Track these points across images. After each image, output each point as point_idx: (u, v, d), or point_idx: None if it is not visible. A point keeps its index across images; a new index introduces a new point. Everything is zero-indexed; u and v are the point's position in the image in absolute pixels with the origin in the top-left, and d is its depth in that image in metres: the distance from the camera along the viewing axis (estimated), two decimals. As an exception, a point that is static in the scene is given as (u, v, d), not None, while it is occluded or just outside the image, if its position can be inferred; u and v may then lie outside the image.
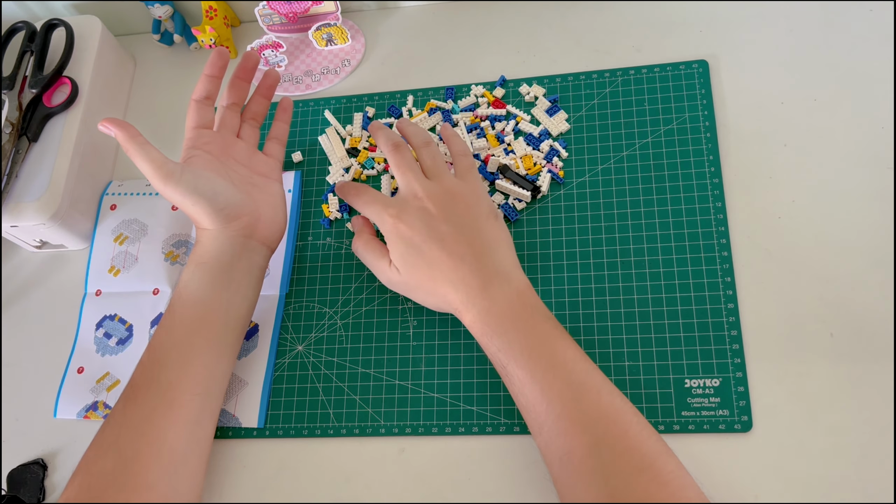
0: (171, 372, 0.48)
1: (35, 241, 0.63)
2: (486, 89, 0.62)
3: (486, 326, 0.46)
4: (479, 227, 0.49)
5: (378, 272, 0.52)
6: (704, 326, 0.50)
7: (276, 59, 0.66)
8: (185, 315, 0.50)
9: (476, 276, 0.47)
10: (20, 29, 0.64)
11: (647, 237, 0.53)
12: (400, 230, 0.49)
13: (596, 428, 0.42)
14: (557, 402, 0.43)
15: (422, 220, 0.49)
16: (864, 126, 0.54)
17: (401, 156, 0.52)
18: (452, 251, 0.48)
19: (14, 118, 0.60)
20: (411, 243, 0.49)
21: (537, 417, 0.44)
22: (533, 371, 0.44)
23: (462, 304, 0.48)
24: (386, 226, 0.50)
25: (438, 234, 0.49)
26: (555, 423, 0.43)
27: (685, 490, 0.41)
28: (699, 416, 0.48)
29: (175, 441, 0.47)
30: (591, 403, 0.43)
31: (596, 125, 0.58)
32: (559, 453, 0.43)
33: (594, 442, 0.42)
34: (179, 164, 0.50)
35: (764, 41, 0.58)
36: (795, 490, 0.45)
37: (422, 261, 0.49)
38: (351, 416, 0.53)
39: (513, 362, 0.45)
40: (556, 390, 0.44)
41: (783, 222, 0.52)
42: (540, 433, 0.44)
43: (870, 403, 0.46)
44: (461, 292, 0.47)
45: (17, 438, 0.58)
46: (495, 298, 0.47)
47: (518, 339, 0.46)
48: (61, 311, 0.61)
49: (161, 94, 0.69)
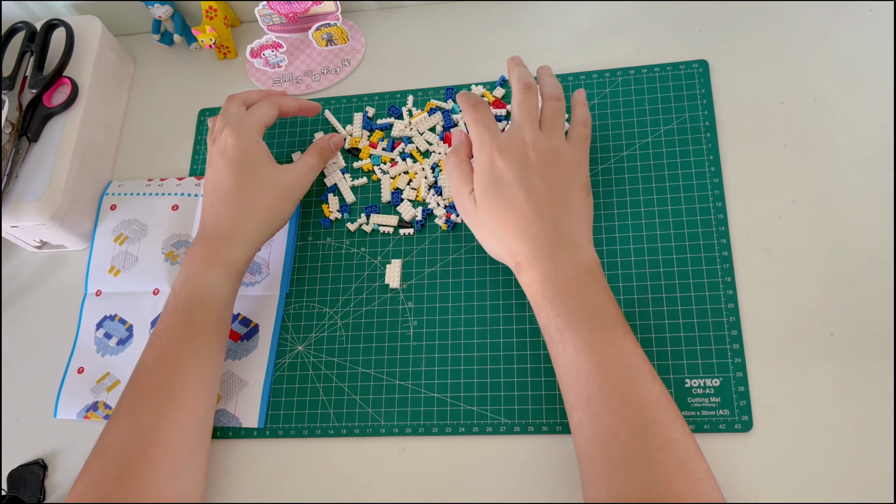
0: (185, 378, 0.49)
1: (35, 242, 0.63)
2: (486, 89, 0.62)
3: (548, 289, 0.46)
4: (569, 195, 0.49)
5: (457, 194, 0.52)
6: (704, 326, 0.50)
7: (276, 59, 0.66)
8: (207, 321, 0.50)
9: (550, 238, 0.47)
10: (20, 29, 0.64)
11: (647, 237, 0.53)
12: (494, 163, 0.49)
13: (646, 413, 0.42)
14: (613, 378, 0.43)
15: (519, 163, 0.48)
16: (864, 126, 0.54)
17: (528, 98, 0.51)
18: (536, 204, 0.47)
19: (14, 118, 0.60)
20: (500, 181, 0.48)
21: (587, 390, 0.43)
22: (593, 342, 0.44)
23: (527, 259, 0.47)
24: (483, 154, 0.50)
25: (530, 183, 0.48)
26: (606, 399, 0.42)
27: (714, 491, 0.41)
28: (699, 416, 0.48)
29: (183, 444, 0.48)
30: (645, 388, 0.43)
31: (596, 125, 0.58)
32: (605, 431, 0.42)
33: (643, 426, 0.41)
34: None
35: (764, 41, 0.58)
36: (796, 490, 0.45)
37: (503, 201, 0.48)
38: (351, 416, 0.53)
39: (572, 329, 0.44)
40: (613, 367, 0.43)
41: (783, 222, 0.52)
42: (587, 405, 0.43)
43: (870, 403, 0.46)
44: (530, 247, 0.47)
45: (17, 438, 0.58)
46: (563, 265, 0.46)
47: (582, 308, 0.45)
48: (61, 311, 0.61)
49: (161, 94, 0.69)
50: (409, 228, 0.58)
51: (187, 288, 0.51)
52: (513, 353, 0.52)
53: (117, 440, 0.47)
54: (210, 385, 0.51)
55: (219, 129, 0.55)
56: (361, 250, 0.58)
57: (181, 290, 0.51)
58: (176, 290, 0.51)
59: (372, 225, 0.58)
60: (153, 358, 0.49)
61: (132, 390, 0.49)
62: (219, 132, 0.55)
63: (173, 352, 0.49)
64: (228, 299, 0.52)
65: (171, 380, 0.48)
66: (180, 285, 0.51)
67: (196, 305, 0.50)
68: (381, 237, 0.58)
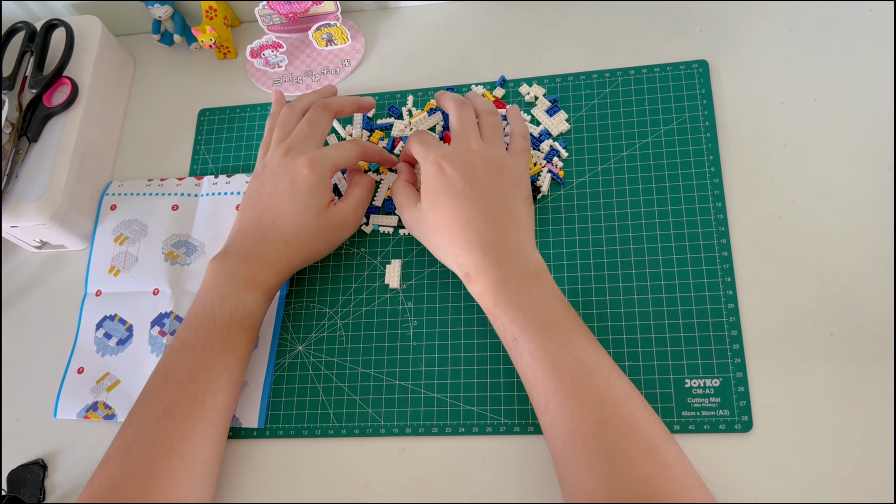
0: (218, 394, 0.49)
1: (35, 242, 0.63)
2: (486, 89, 0.62)
3: (499, 296, 0.46)
4: (513, 204, 0.50)
5: (404, 211, 0.53)
6: (704, 326, 0.50)
7: (276, 59, 0.66)
8: (244, 339, 0.51)
9: (497, 247, 0.48)
10: (20, 29, 0.64)
11: (648, 237, 0.53)
12: (442, 171, 0.50)
13: (603, 409, 0.42)
14: (567, 379, 0.43)
15: (465, 171, 0.49)
16: (864, 126, 0.54)
17: (466, 112, 0.53)
18: (482, 213, 0.48)
19: (14, 118, 0.60)
20: (447, 188, 0.49)
21: (544, 394, 0.44)
22: (546, 346, 0.44)
23: (476, 269, 0.47)
24: (429, 163, 0.51)
25: (476, 191, 0.49)
26: (562, 401, 0.43)
27: (686, 475, 0.41)
28: (699, 416, 0.48)
29: (207, 456, 0.49)
30: (601, 384, 0.43)
31: (596, 125, 0.58)
32: (563, 432, 0.43)
33: (600, 422, 0.42)
34: None
35: (764, 41, 0.58)
36: (795, 490, 0.45)
37: (451, 208, 0.49)
38: (351, 416, 0.53)
39: (525, 334, 0.45)
40: (567, 368, 0.44)
41: (783, 222, 0.52)
42: (546, 411, 0.44)
43: (870, 403, 0.46)
44: (478, 257, 0.47)
45: (17, 438, 0.58)
46: (511, 272, 0.47)
47: (532, 312, 0.46)
48: (61, 311, 0.61)
49: (161, 94, 0.69)
50: (409, 228, 0.58)
51: (228, 306, 0.51)
52: (513, 353, 0.52)
53: (143, 449, 0.47)
54: (236, 399, 0.52)
55: (294, 153, 0.53)
56: (361, 250, 0.58)
57: (222, 308, 0.50)
58: (215, 304, 0.50)
59: (372, 225, 0.58)
60: (187, 370, 0.49)
61: (162, 400, 0.48)
62: (294, 155, 0.53)
63: (209, 367, 0.49)
64: (262, 317, 0.53)
65: (204, 394, 0.49)
66: (220, 302, 0.50)
67: (236, 324, 0.51)
68: (381, 237, 0.58)
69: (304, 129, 0.55)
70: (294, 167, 0.53)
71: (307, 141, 0.54)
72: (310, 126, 0.55)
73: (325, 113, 0.56)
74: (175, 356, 0.50)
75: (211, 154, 0.65)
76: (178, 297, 0.58)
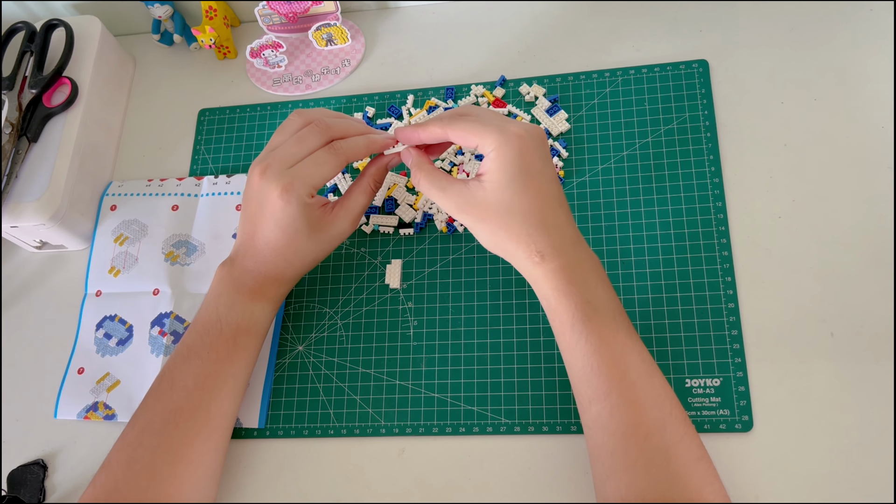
0: (223, 400, 0.49)
1: (35, 242, 0.63)
2: (486, 89, 0.62)
3: (575, 277, 0.44)
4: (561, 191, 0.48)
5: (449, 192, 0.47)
6: (705, 326, 0.50)
7: (276, 59, 0.66)
8: (250, 346, 0.51)
9: (570, 230, 0.46)
10: (20, 29, 0.64)
11: (648, 237, 0.53)
12: (523, 148, 0.45)
13: (663, 408, 0.42)
14: (633, 371, 0.43)
15: (541, 150, 0.46)
16: (864, 126, 0.54)
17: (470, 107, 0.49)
18: (557, 195, 0.46)
19: (14, 118, 0.60)
20: (529, 166, 0.45)
21: (608, 381, 0.42)
22: (613, 335, 0.43)
23: (554, 248, 0.45)
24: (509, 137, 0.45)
25: (550, 171, 0.47)
26: (627, 391, 0.42)
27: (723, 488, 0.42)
28: (700, 416, 0.48)
29: (211, 461, 0.49)
30: (661, 383, 0.43)
31: (596, 125, 0.58)
32: (624, 425, 0.42)
33: (661, 421, 0.42)
34: None
35: (764, 41, 0.58)
36: (796, 490, 0.45)
37: (532, 186, 0.45)
38: (351, 416, 0.53)
39: (594, 321, 0.43)
40: (632, 360, 0.43)
41: (783, 222, 0.52)
42: (607, 398, 0.42)
43: (870, 403, 0.46)
44: (554, 237, 0.45)
45: (18, 439, 0.57)
46: (581, 257, 0.45)
47: (602, 300, 0.44)
48: (61, 311, 0.61)
49: (161, 94, 0.69)
50: (409, 229, 0.58)
51: (234, 315, 0.50)
52: (513, 353, 0.52)
53: (147, 453, 0.47)
54: (239, 404, 0.52)
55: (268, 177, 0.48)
56: (361, 250, 0.58)
57: (228, 315, 0.50)
58: (221, 312, 0.50)
59: (372, 225, 0.58)
60: (192, 376, 0.49)
61: (167, 405, 0.48)
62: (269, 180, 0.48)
63: (215, 373, 0.49)
64: (269, 325, 0.53)
65: (209, 401, 0.49)
66: (227, 310, 0.50)
67: (243, 332, 0.50)
68: (381, 237, 0.58)
69: (289, 147, 0.49)
70: (269, 197, 0.48)
71: (286, 160, 0.48)
72: (297, 144, 0.49)
73: (320, 135, 0.50)
74: (181, 361, 0.50)
75: (211, 154, 0.65)
76: (178, 297, 0.58)
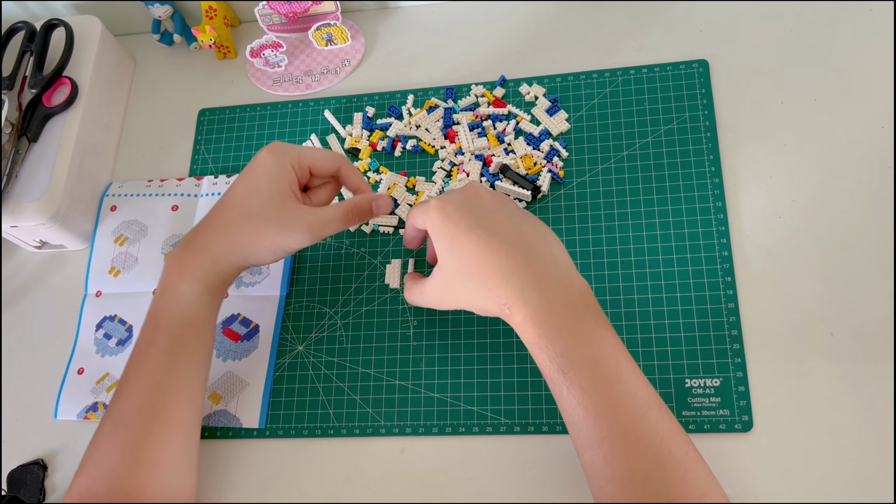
0: (168, 396, 0.47)
1: (35, 242, 0.63)
2: (486, 89, 0.62)
3: (544, 327, 0.41)
4: (531, 222, 0.46)
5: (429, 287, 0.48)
6: (705, 326, 0.50)
7: (276, 59, 0.66)
8: (192, 341, 0.49)
9: (531, 268, 0.42)
10: (20, 29, 0.64)
11: (648, 237, 0.53)
12: (447, 213, 0.44)
13: (660, 449, 0.39)
14: (624, 417, 0.40)
15: (469, 206, 0.45)
16: (864, 126, 0.54)
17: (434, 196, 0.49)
18: (506, 237, 0.43)
19: (14, 118, 0.60)
20: (457, 226, 0.44)
21: (597, 433, 0.40)
22: (599, 381, 0.40)
23: (515, 298, 0.42)
24: (431, 212, 0.45)
25: (489, 220, 0.44)
26: (618, 440, 0.40)
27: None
28: (700, 416, 0.48)
29: (170, 458, 0.47)
30: (655, 422, 0.40)
31: (596, 125, 0.58)
32: (621, 472, 0.40)
33: (658, 463, 0.39)
34: None
35: (764, 41, 0.58)
36: (796, 490, 0.45)
37: (471, 244, 0.43)
38: (351, 416, 0.53)
39: (576, 370, 0.41)
40: (622, 405, 0.40)
41: (783, 222, 0.52)
42: (598, 446, 0.40)
43: (870, 403, 0.46)
44: (514, 284, 0.42)
45: (18, 439, 0.58)
46: (554, 296, 0.42)
47: (582, 344, 0.41)
48: (61, 311, 0.61)
49: (161, 94, 0.69)
50: (409, 228, 0.58)
51: (164, 301, 0.48)
52: (513, 353, 0.52)
53: (103, 459, 0.46)
54: (195, 399, 0.49)
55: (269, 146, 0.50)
56: (361, 250, 0.58)
57: (159, 303, 0.49)
58: (156, 301, 0.49)
59: (372, 225, 0.58)
60: (134, 375, 0.48)
61: (115, 408, 0.48)
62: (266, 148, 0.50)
63: (154, 369, 0.47)
64: (208, 314, 0.50)
65: (153, 398, 0.47)
66: (159, 297, 0.49)
67: (174, 320, 0.48)
68: (381, 237, 0.58)
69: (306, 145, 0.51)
70: (258, 156, 0.50)
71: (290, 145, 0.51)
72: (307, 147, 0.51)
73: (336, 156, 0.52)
74: (128, 363, 0.48)
75: (211, 154, 0.65)
76: (178, 297, 0.58)
